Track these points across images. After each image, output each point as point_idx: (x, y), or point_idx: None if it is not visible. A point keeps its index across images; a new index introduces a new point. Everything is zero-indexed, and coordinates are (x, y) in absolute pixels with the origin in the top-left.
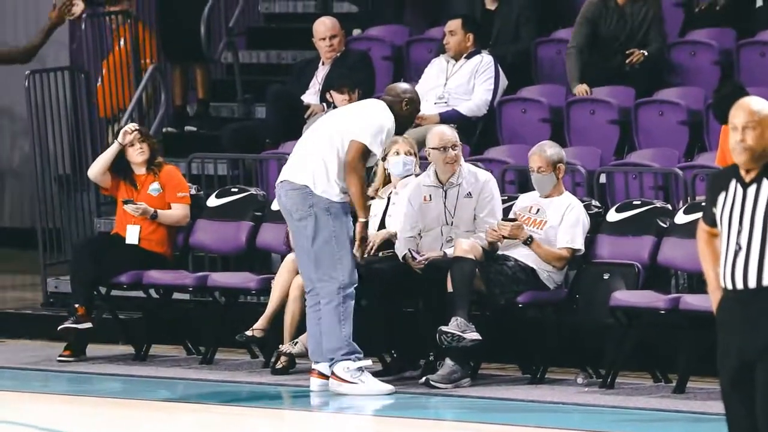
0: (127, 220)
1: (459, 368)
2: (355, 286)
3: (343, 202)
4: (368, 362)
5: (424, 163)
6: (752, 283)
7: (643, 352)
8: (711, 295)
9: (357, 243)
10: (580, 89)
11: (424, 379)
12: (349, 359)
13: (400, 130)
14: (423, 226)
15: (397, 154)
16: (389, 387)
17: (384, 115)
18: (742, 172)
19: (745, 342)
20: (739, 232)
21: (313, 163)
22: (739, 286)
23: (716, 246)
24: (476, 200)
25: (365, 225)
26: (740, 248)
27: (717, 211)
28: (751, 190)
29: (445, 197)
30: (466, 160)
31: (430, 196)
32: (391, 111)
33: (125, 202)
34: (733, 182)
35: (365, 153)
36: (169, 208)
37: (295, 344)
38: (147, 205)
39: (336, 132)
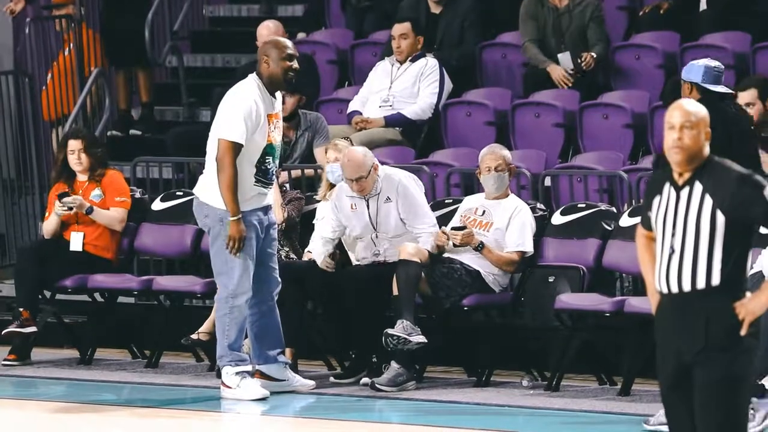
0: (71, 227)
1: (404, 371)
2: (247, 298)
3: (242, 212)
4: (248, 368)
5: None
6: (687, 286)
7: (588, 355)
8: (650, 299)
9: (227, 242)
10: (559, 69)
11: (369, 382)
12: (229, 365)
13: (281, 87)
14: (357, 233)
15: (328, 162)
16: (264, 392)
17: (237, 97)
18: (676, 175)
19: (682, 345)
20: (673, 235)
21: (204, 172)
22: (674, 289)
23: (654, 250)
24: (397, 205)
25: (235, 223)
26: (674, 251)
27: (652, 214)
28: (684, 192)
29: (368, 206)
30: (412, 163)
31: (355, 205)
32: (260, 78)
33: (60, 196)
34: (667, 185)
35: (231, 148)
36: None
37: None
38: (82, 199)
39: (211, 134)
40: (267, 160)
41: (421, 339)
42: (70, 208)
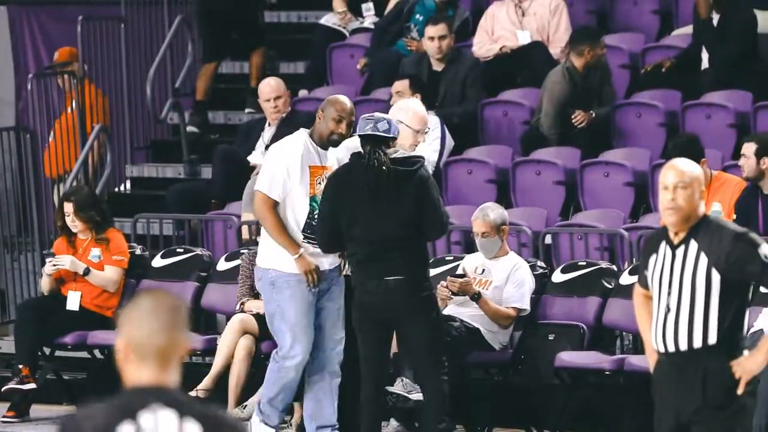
0: (68, 285)
1: (404, 429)
2: (297, 363)
3: (292, 274)
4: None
5: None
6: (683, 345)
7: (588, 413)
8: (648, 357)
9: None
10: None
11: None
12: (259, 416)
13: (324, 145)
14: None
15: None
16: None
17: (276, 151)
18: (671, 234)
19: (680, 404)
20: (669, 294)
21: (261, 237)
22: (671, 348)
23: (651, 308)
24: None
25: (300, 259)
26: (670, 310)
27: (648, 273)
28: (680, 251)
29: None
30: None
31: None
32: (312, 130)
33: (46, 255)
34: (663, 244)
35: (265, 200)
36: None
37: (244, 408)
38: (73, 259)
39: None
40: (315, 215)
41: (420, 397)
42: (55, 266)
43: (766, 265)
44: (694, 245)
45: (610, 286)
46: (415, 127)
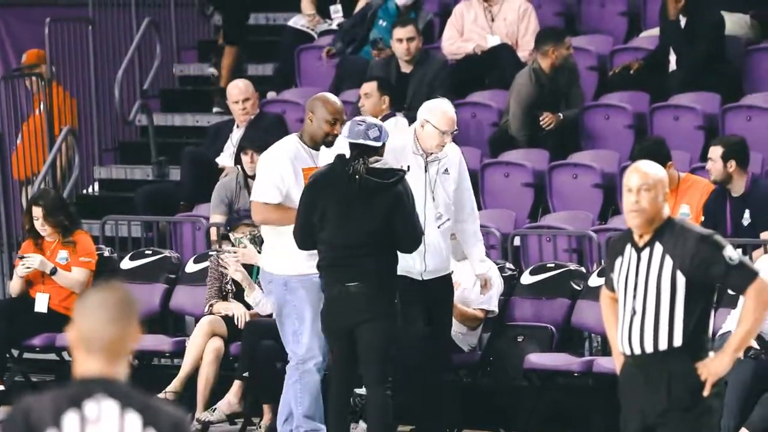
0: (37, 287)
1: None
2: (317, 362)
3: (304, 275)
4: None
5: None
6: (649, 348)
7: (557, 415)
8: (615, 359)
9: None
10: (548, 116)
11: None
12: None
13: (318, 146)
14: None
15: None
16: None
17: (267, 159)
18: (636, 237)
19: (646, 406)
20: (634, 296)
21: (264, 242)
22: (637, 350)
23: (618, 310)
24: (453, 180)
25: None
26: (635, 312)
27: (614, 275)
28: (645, 254)
29: (426, 171)
30: None
31: (408, 166)
32: (303, 132)
33: (21, 256)
34: (628, 247)
35: (266, 207)
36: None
37: (214, 411)
38: (43, 257)
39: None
40: None
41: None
42: (29, 268)
43: (731, 267)
44: (659, 248)
45: (579, 288)
46: (442, 128)
